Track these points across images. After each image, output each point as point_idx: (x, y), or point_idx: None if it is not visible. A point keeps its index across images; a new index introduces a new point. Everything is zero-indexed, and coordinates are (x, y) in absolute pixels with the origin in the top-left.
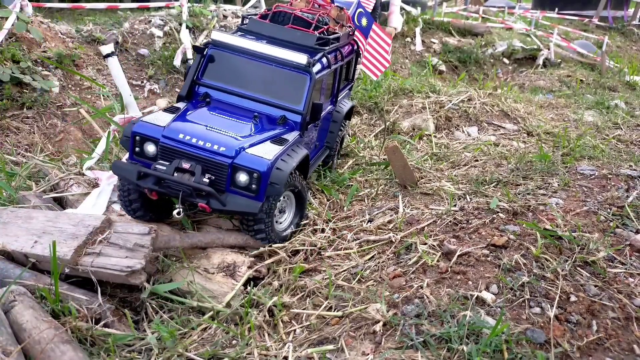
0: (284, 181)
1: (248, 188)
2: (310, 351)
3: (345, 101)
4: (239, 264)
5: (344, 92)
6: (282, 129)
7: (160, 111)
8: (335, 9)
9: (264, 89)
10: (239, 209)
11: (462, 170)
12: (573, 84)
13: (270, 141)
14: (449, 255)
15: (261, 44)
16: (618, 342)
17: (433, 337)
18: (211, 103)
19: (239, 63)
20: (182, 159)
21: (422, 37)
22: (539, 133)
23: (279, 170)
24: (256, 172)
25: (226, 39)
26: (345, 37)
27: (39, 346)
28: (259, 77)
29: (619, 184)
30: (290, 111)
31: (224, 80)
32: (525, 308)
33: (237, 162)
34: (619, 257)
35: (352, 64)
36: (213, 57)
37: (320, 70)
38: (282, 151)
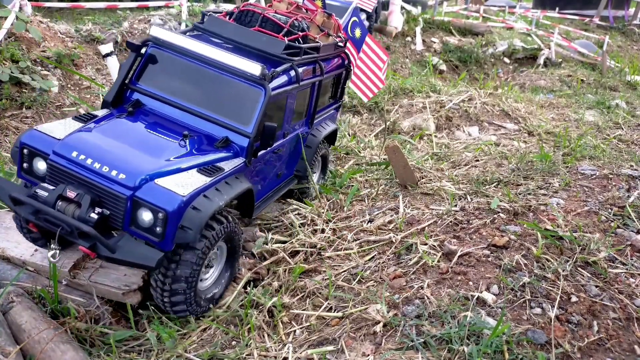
0: (200, 225)
1: (151, 230)
2: (310, 352)
3: (327, 123)
4: (239, 264)
5: (326, 113)
6: (221, 154)
7: (69, 118)
8: (322, 15)
9: (208, 101)
10: (133, 259)
11: (462, 170)
12: (574, 84)
13: (197, 169)
14: (449, 255)
15: (209, 47)
16: (619, 342)
17: (434, 337)
18: (135, 113)
19: (181, 67)
20: (70, 185)
21: (423, 36)
22: (539, 133)
23: (196, 210)
24: (161, 210)
25: (166, 36)
26: (331, 48)
27: (39, 346)
28: (203, 87)
29: (620, 184)
30: (236, 132)
31: (162, 86)
32: (526, 308)
33: (138, 196)
34: (620, 257)
35: (341, 81)
36: (153, 58)
37: (284, 84)
38: (207, 184)
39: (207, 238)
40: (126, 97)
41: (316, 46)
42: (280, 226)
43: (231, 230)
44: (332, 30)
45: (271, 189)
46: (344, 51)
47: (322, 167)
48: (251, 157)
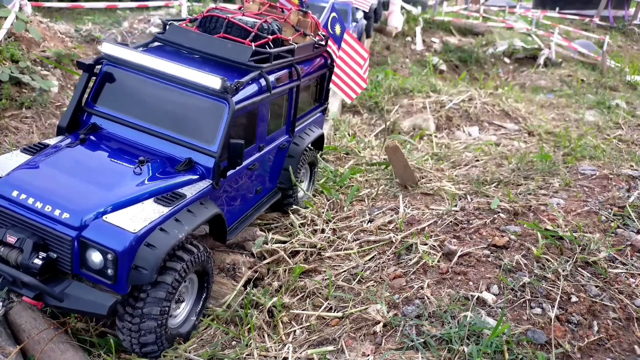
0: (156, 263)
1: (103, 273)
2: (310, 352)
3: (311, 129)
4: (239, 264)
5: (309, 118)
6: (183, 178)
7: (18, 150)
8: (296, 14)
9: (169, 120)
10: (82, 307)
11: (462, 170)
12: (574, 84)
13: (154, 199)
14: (449, 255)
15: (165, 62)
16: (619, 342)
17: (434, 337)
18: (87, 140)
19: (138, 85)
20: (11, 228)
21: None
22: (540, 133)
23: (150, 247)
24: (110, 251)
25: (119, 53)
26: (308, 48)
27: (39, 346)
28: (163, 105)
29: (620, 184)
30: (201, 152)
31: (119, 107)
32: (526, 308)
33: (85, 236)
34: (620, 257)
35: (325, 82)
36: (109, 77)
37: (253, 95)
38: (165, 215)
39: (176, 271)
40: (83, 121)
41: (290, 49)
42: (280, 226)
43: (203, 260)
44: (309, 29)
45: (250, 207)
46: (326, 50)
47: (310, 175)
48: (219, 178)
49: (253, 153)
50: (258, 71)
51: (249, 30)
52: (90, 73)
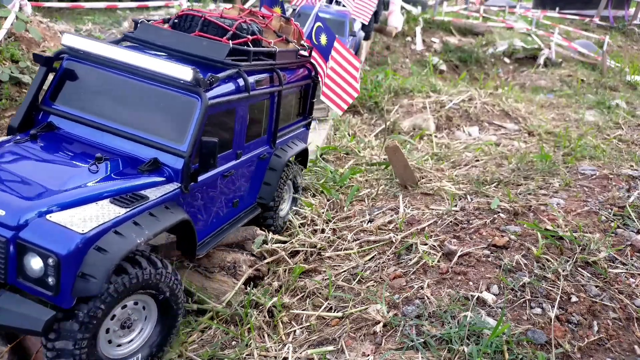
0: (108, 271)
1: (43, 282)
2: (310, 352)
3: (294, 143)
4: (240, 262)
5: (292, 131)
6: (146, 180)
7: None
8: (278, 20)
9: (134, 118)
10: (13, 323)
11: (462, 170)
12: (574, 84)
13: (110, 199)
14: (449, 255)
15: (131, 52)
16: (619, 342)
17: (434, 337)
18: (38, 137)
19: (101, 80)
20: None
21: (423, 36)
22: (540, 133)
23: (101, 252)
24: (51, 254)
25: (81, 44)
26: (291, 55)
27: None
28: (128, 101)
29: (620, 184)
30: (168, 152)
31: (79, 105)
32: (526, 308)
33: (22, 237)
34: (620, 257)
35: (309, 94)
36: (70, 72)
37: (229, 93)
38: (121, 217)
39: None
40: (38, 121)
41: (270, 51)
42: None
43: (159, 278)
44: (291, 35)
45: (225, 220)
46: (310, 61)
47: (293, 192)
48: (189, 182)
49: (229, 159)
50: (236, 69)
51: (226, 28)
52: (48, 68)
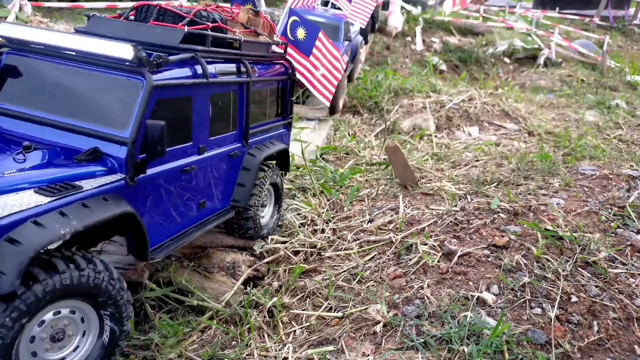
0: (20, 265)
1: None
2: (310, 352)
3: (272, 143)
4: (239, 262)
5: (269, 130)
6: (82, 170)
7: None
8: (245, 12)
9: (74, 108)
10: None
11: (462, 170)
12: (574, 84)
13: (35, 189)
14: (449, 255)
15: (67, 35)
16: (619, 342)
17: (434, 337)
18: None
19: (41, 72)
20: None
21: (423, 36)
22: (540, 133)
23: (13, 243)
24: None
25: (17, 32)
26: (261, 48)
27: None
28: (68, 91)
29: (620, 184)
30: (109, 140)
31: (18, 100)
32: (526, 308)
33: None
34: (620, 257)
35: (286, 93)
36: (11, 68)
37: (183, 78)
38: (45, 207)
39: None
40: None
41: (234, 39)
42: (280, 226)
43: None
44: (260, 28)
45: (190, 223)
46: (286, 58)
47: (275, 198)
48: (135, 173)
49: (190, 153)
50: (191, 54)
51: (183, 15)
52: None
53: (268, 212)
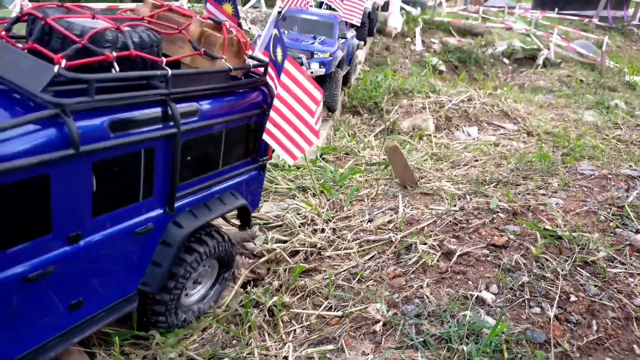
0: None
1: None
2: (311, 351)
3: (222, 200)
4: (238, 265)
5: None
6: None
7: None
8: (198, 24)
9: None
10: None
11: (462, 170)
12: (573, 84)
13: None
14: (449, 255)
15: None
16: (618, 342)
17: (433, 337)
18: None
19: None
20: None
21: (422, 37)
22: (539, 133)
23: None
24: None
25: None
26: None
27: None
28: None
29: (619, 184)
30: None
31: None
32: (525, 308)
33: None
34: (618, 257)
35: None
36: None
37: (29, 152)
38: None
39: None
40: None
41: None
42: (280, 225)
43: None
44: (218, 47)
45: (55, 332)
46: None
47: (217, 276)
48: None
49: (44, 250)
50: (53, 110)
51: (73, 39)
52: None
53: (202, 289)
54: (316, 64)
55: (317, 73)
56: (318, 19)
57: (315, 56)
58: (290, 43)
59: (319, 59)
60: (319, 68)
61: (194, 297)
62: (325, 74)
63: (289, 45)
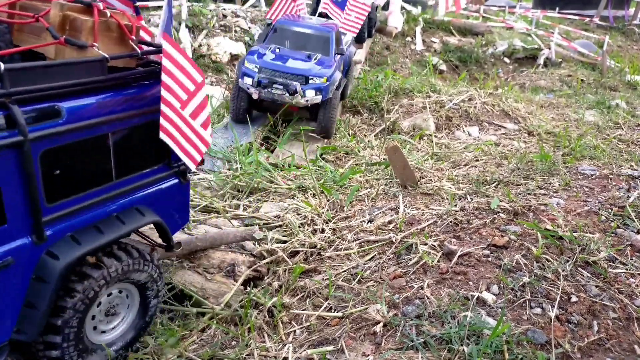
0: None
1: None
2: (310, 352)
3: (121, 219)
4: (239, 263)
5: (120, 195)
6: None
7: None
8: (59, 7)
9: None
10: None
11: (462, 170)
12: (574, 84)
13: None
14: (449, 255)
15: None
16: (619, 342)
17: (433, 337)
18: None
19: None
20: None
21: (423, 36)
22: (539, 133)
23: None
24: None
25: None
26: (76, 70)
27: None
28: None
29: (620, 184)
30: None
31: None
32: (526, 308)
33: None
34: (620, 257)
35: None
36: None
37: None
38: None
39: None
40: None
41: None
42: (280, 226)
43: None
44: (83, 35)
45: None
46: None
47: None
48: None
49: None
50: None
51: None
52: None
53: (125, 322)
54: (312, 91)
55: (313, 101)
56: (312, 33)
57: (311, 81)
58: (280, 66)
59: (315, 85)
60: (315, 95)
61: (113, 333)
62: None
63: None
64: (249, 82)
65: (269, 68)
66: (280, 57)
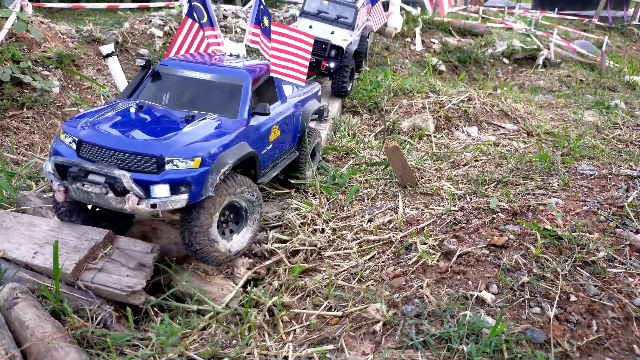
0: None
1: None
2: (310, 351)
3: None
4: (238, 265)
5: None
6: None
7: None
8: None
9: None
10: None
11: (462, 170)
12: (573, 84)
13: None
14: (448, 255)
15: None
16: (618, 342)
17: (433, 337)
18: None
19: None
20: None
21: (422, 37)
22: (538, 133)
23: None
24: None
25: None
26: None
27: (42, 344)
28: None
29: (619, 184)
30: None
31: None
32: (525, 308)
33: None
34: (618, 257)
35: None
36: None
37: None
38: None
39: None
40: None
41: None
42: (280, 225)
43: None
44: None
45: None
46: None
47: None
48: None
49: None
50: None
51: None
52: None
53: None
54: (165, 187)
55: (171, 207)
56: (212, 79)
57: (169, 167)
58: (112, 139)
59: (176, 175)
60: (172, 195)
61: None
62: (192, 203)
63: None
64: (51, 169)
65: (92, 143)
66: (130, 122)
